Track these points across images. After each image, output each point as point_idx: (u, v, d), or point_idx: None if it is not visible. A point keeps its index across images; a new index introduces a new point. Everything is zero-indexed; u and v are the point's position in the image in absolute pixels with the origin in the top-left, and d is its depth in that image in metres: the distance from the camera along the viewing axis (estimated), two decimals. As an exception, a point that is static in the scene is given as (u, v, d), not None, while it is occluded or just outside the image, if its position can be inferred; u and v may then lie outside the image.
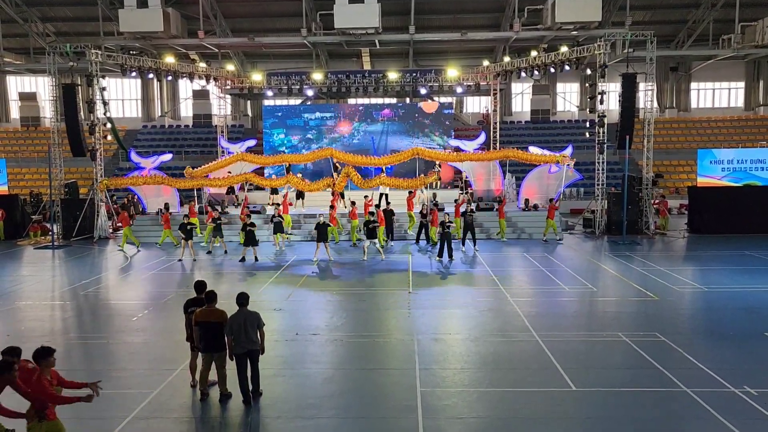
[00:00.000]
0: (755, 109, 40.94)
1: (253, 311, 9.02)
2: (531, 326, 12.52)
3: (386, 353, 11.20)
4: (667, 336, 11.71)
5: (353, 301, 15.05)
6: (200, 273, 18.88)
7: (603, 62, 25.13)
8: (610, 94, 30.83)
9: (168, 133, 41.58)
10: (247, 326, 8.69)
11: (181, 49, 38.16)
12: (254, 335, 8.77)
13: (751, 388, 9.18)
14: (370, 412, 8.65)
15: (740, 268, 18.39)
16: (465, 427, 8.15)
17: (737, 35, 34.38)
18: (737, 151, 26.28)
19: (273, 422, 8.40)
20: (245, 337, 8.69)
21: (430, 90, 32.93)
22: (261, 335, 8.88)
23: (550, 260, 20.02)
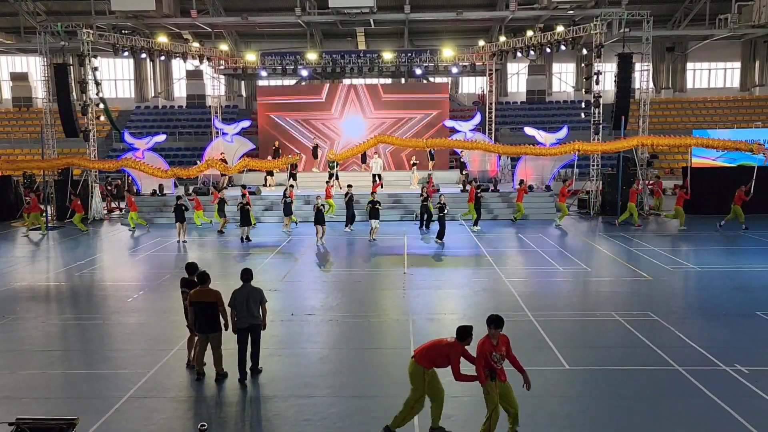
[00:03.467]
0: (751, 90, 40.88)
1: (257, 287, 9.17)
2: (525, 306, 12.60)
3: (381, 333, 11.27)
4: (659, 315, 11.80)
5: (349, 281, 15.10)
6: (196, 253, 18.89)
7: (599, 42, 25.00)
8: (606, 75, 30.78)
9: (161, 113, 41.29)
10: (249, 301, 8.88)
11: (174, 29, 37.72)
12: (256, 310, 8.95)
13: (742, 366, 9.29)
14: (365, 390, 8.72)
15: (734, 247, 18.51)
16: (459, 405, 8.23)
17: (734, 15, 34.20)
18: (732, 132, 26.28)
19: (268, 401, 8.46)
20: (247, 312, 8.87)
21: (426, 70, 32.70)
22: (263, 311, 9.06)
23: (544, 240, 20.08)
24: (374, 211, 20.47)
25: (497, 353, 6.96)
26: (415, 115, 32.26)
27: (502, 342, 7.06)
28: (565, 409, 8.06)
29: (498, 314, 7.09)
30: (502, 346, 7.03)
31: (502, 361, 7.01)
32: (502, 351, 7.01)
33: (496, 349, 6.96)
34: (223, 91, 42.12)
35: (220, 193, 22.97)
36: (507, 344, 7.13)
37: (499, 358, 6.98)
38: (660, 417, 7.88)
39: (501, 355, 7.00)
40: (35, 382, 9.09)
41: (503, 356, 7.04)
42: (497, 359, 6.98)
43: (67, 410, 7.97)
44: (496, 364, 6.97)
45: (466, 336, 7.16)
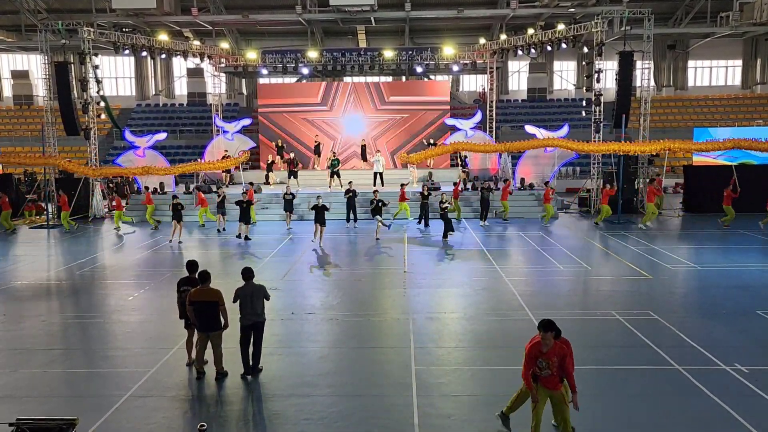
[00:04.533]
0: (752, 88, 40.81)
1: (260, 284, 9.25)
2: (525, 305, 12.60)
3: (381, 332, 11.27)
4: (659, 314, 11.80)
5: (349, 280, 15.11)
6: (195, 252, 18.90)
7: (600, 40, 24.96)
8: (607, 73, 30.76)
9: (162, 111, 41.28)
10: (253, 299, 8.96)
11: (175, 27, 37.71)
12: (260, 308, 9.02)
13: (741, 365, 9.29)
14: (365, 390, 8.73)
15: (734, 246, 18.49)
16: (458, 404, 8.24)
17: (735, 12, 34.15)
18: (733, 130, 26.28)
19: (268, 400, 8.47)
20: (251, 310, 8.94)
21: (426, 68, 32.67)
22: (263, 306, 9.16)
23: (545, 239, 20.08)
24: (378, 209, 20.60)
25: (544, 360, 6.67)
26: (416, 113, 32.23)
27: (555, 351, 6.69)
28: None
29: (549, 318, 6.78)
30: (553, 356, 6.67)
31: (548, 371, 6.69)
32: (552, 360, 6.67)
33: (543, 356, 6.68)
34: (224, 89, 42.11)
35: (220, 191, 22.94)
36: (562, 356, 6.72)
37: (545, 366, 6.68)
38: (659, 416, 7.88)
39: (548, 363, 6.66)
40: (36, 382, 9.11)
41: (551, 366, 6.68)
42: (542, 366, 6.70)
43: (67, 409, 8.00)
44: (541, 372, 6.72)
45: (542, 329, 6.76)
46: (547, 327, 6.70)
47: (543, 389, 6.83)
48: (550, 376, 6.76)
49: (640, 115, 26.02)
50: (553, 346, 6.73)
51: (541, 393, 6.85)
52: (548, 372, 6.74)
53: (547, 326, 6.70)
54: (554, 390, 6.81)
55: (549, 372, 6.74)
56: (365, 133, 32.01)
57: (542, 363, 6.73)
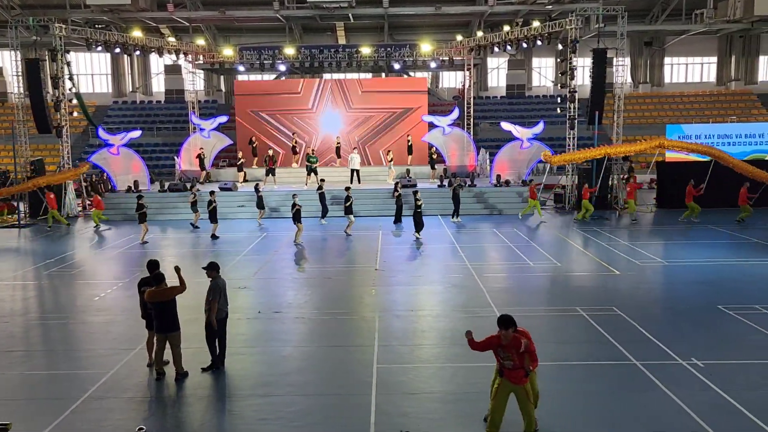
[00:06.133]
0: (727, 84, 41.28)
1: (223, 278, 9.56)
2: (492, 302, 12.68)
3: (347, 330, 11.28)
4: (623, 310, 11.94)
5: (319, 278, 15.10)
6: (168, 251, 18.79)
7: (574, 37, 25.11)
8: (584, 70, 30.98)
9: (139, 108, 40.84)
10: (225, 291, 9.35)
11: (151, 23, 37.31)
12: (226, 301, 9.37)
13: (698, 360, 9.43)
14: (325, 389, 8.74)
15: (702, 242, 18.73)
16: (417, 402, 8.29)
17: (709, 10, 34.51)
18: (705, 127, 26.57)
19: (226, 400, 8.47)
20: (224, 303, 9.30)
21: (404, 65, 32.66)
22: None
23: (519, 236, 20.19)
24: (350, 207, 20.65)
25: (504, 351, 6.79)
26: (394, 109, 32.21)
27: (513, 343, 6.75)
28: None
29: (508, 315, 6.87)
30: (512, 348, 6.74)
31: (510, 362, 6.79)
32: (512, 351, 6.75)
33: (503, 347, 6.78)
34: (202, 86, 41.87)
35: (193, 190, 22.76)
36: (518, 349, 6.76)
37: (506, 357, 6.79)
38: (614, 412, 7.99)
39: (509, 355, 6.77)
40: (-7, 384, 9.02)
41: (512, 357, 6.77)
42: (505, 357, 6.82)
43: (23, 412, 7.95)
44: (504, 363, 6.85)
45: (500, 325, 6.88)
46: (505, 323, 6.80)
47: (507, 383, 6.93)
48: (515, 369, 6.85)
49: (613, 111, 26.21)
50: (512, 338, 6.83)
51: (504, 387, 6.95)
52: (511, 363, 6.83)
53: (506, 323, 6.80)
54: (518, 384, 6.89)
55: (512, 363, 6.83)
56: (342, 130, 31.94)
57: (503, 354, 6.84)
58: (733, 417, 7.66)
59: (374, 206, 25.02)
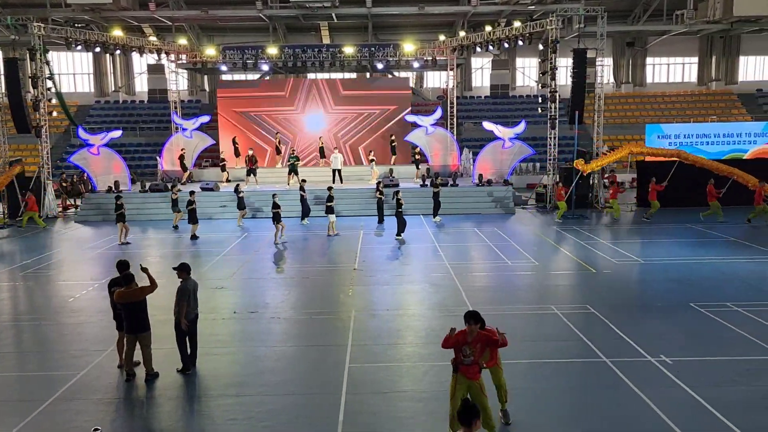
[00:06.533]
0: (708, 84, 41.71)
1: (194, 280, 9.52)
2: (468, 301, 12.73)
3: (322, 330, 11.27)
4: (596, 308, 12.04)
5: (298, 278, 15.10)
6: (146, 252, 18.68)
7: (554, 37, 25.24)
8: (566, 70, 31.17)
9: (122, 108, 40.56)
10: (196, 292, 9.36)
11: (133, 22, 37.10)
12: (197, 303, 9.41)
13: (667, 357, 9.53)
14: (296, 389, 8.75)
15: (679, 240, 18.91)
16: (386, 401, 8.32)
17: (690, 11, 34.85)
18: (683, 126, 26.86)
19: (196, 401, 8.46)
20: (195, 303, 9.31)
21: (388, 65, 32.68)
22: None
23: (499, 235, 20.27)
24: (331, 207, 20.62)
25: (468, 347, 6.87)
26: (377, 109, 32.24)
27: (479, 338, 6.88)
28: (497, 402, 8.12)
29: (475, 310, 6.99)
30: (477, 342, 6.87)
31: (471, 357, 6.87)
32: (476, 346, 6.86)
33: (468, 343, 6.86)
34: (185, 86, 41.66)
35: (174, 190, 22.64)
36: (487, 339, 6.93)
37: (469, 353, 6.87)
38: (582, 409, 8.07)
39: (472, 350, 6.86)
40: (-40, 386, 8.94)
41: (474, 352, 6.87)
42: (467, 354, 6.89)
43: (-13, 414, 7.88)
44: (464, 359, 6.91)
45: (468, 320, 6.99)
46: (474, 318, 6.89)
47: (463, 378, 6.99)
48: (472, 365, 6.93)
49: (594, 111, 26.39)
50: (477, 334, 6.91)
51: (461, 384, 6.99)
52: (470, 359, 6.91)
53: (474, 318, 6.90)
54: (473, 379, 6.98)
55: (471, 359, 6.91)
56: (326, 130, 31.93)
57: (466, 350, 6.91)
58: (697, 413, 7.76)
59: (357, 206, 25.02)
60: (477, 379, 7.00)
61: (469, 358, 6.92)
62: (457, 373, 7.02)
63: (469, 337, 6.90)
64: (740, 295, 12.75)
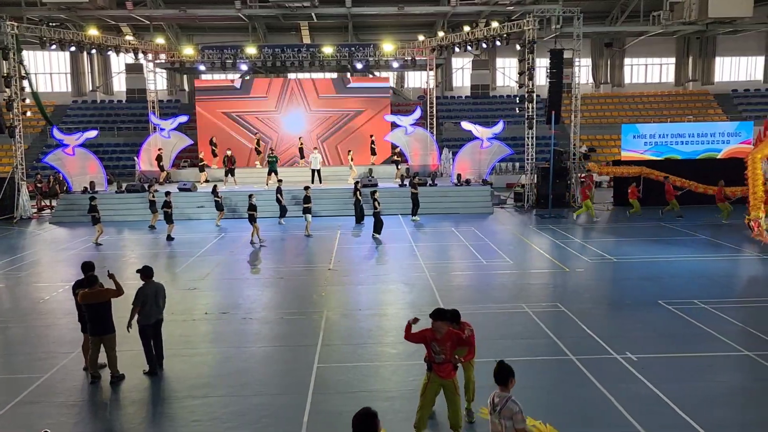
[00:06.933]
0: (685, 85, 42.25)
1: (159, 282, 9.41)
2: (441, 300, 12.76)
3: (293, 331, 11.25)
4: (567, 306, 12.15)
5: (272, 279, 15.06)
6: (121, 252, 18.52)
7: (532, 38, 25.42)
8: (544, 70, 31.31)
9: (100, 108, 40.15)
10: (158, 297, 9.19)
11: (111, 21, 36.74)
12: (163, 306, 9.33)
13: (632, 354, 9.64)
14: (263, 389, 8.73)
15: (653, 239, 19.12)
16: (352, 400, 8.29)
17: (666, 12, 35.22)
18: (659, 126, 27.17)
19: (161, 403, 8.40)
20: (156, 308, 9.18)
21: (367, 64, 32.68)
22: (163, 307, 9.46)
23: (476, 234, 20.35)
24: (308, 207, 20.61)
25: (438, 345, 6.85)
26: (357, 109, 32.26)
27: (449, 336, 6.85)
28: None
29: (440, 308, 7.05)
30: (447, 341, 6.83)
31: (442, 356, 6.86)
32: (446, 345, 6.84)
33: (438, 341, 6.85)
34: (164, 86, 41.36)
35: (152, 190, 22.48)
36: (456, 338, 6.94)
37: (438, 350, 6.86)
38: (547, 406, 8.11)
39: (442, 348, 6.84)
40: None
41: (444, 351, 6.84)
42: (437, 351, 6.88)
43: (-54, 419, 7.76)
44: (436, 357, 6.90)
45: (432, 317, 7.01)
46: (437, 316, 6.90)
47: (436, 377, 6.98)
48: (444, 363, 6.92)
49: (571, 111, 26.62)
50: (446, 332, 6.90)
51: (433, 382, 7.00)
52: (442, 357, 6.90)
53: (437, 315, 6.91)
54: (447, 378, 6.97)
55: (443, 357, 6.90)
56: (305, 130, 31.87)
57: (436, 348, 6.90)
58: (657, 409, 7.85)
59: (335, 206, 25.00)
60: (451, 377, 7.00)
61: (440, 356, 6.93)
62: (430, 372, 7.03)
63: (437, 335, 6.90)
64: (707, 292, 12.93)
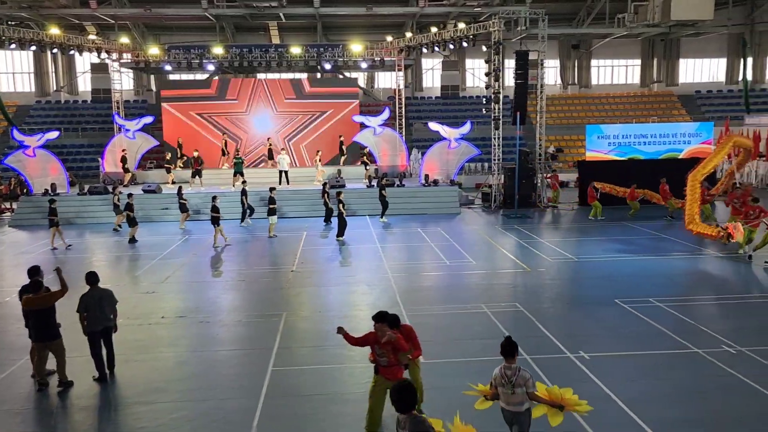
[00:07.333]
0: (650, 86, 42.97)
1: (107, 289, 9.22)
2: (402, 301, 12.80)
3: (250, 334, 11.17)
4: (525, 306, 12.26)
5: (234, 281, 14.91)
6: (83, 255, 18.17)
7: (497, 39, 25.62)
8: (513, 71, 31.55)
9: (64, 108, 39.32)
10: (103, 304, 8.93)
11: (74, 20, 36.03)
12: (110, 313, 9.04)
13: (585, 352, 9.77)
14: (214, 394, 8.63)
15: (614, 238, 19.39)
16: (305, 403, 8.28)
17: (630, 14, 35.79)
18: (622, 127, 27.56)
19: (108, 410, 8.25)
20: (101, 315, 8.92)
21: (336, 65, 32.60)
22: (115, 313, 9.16)
23: (441, 235, 20.42)
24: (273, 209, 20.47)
25: (380, 348, 6.88)
26: (326, 110, 32.13)
27: (390, 341, 6.85)
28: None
29: (383, 311, 7.07)
30: (389, 344, 6.88)
31: (385, 358, 6.89)
32: (387, 348, 6.86)
33: (381, 345, 6.87)
34: (131, 86, 40.72)
35: (116, 191, 22.11)
36: (394, 346, 6.90)
37: (382, 353, 6.90)
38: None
39: (384, 351, 6.88)
40: None
41: (387, 353, 6.88)
42: (380, 354, 6.92)
43: None
44: (380, 359, 6.94)
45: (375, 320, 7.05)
46: (379, 318, 6.93)
47: (383, 379, 6.99)
48: (390, 366, 6.94)
49: (536, 112, 26.89)
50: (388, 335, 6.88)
51: (381, 384, 6.99)
52: (386, 360, 6.92)
53: (379, 318, 6.93)
54: (394, 380, 6.91)
55: (387, 359, 6.92)
56: (274, 131, 31.66)
57: (379, 350, 6.94)
58: (605, 407, 7.95)
59: (303, 207, 24.87)
60: (398, 378, 6.99)
61: (384, 359, 6.95)
62: (377, 374, 7.04)
63: (381, 337, 6.91)
64: (662, 290, 13.17)
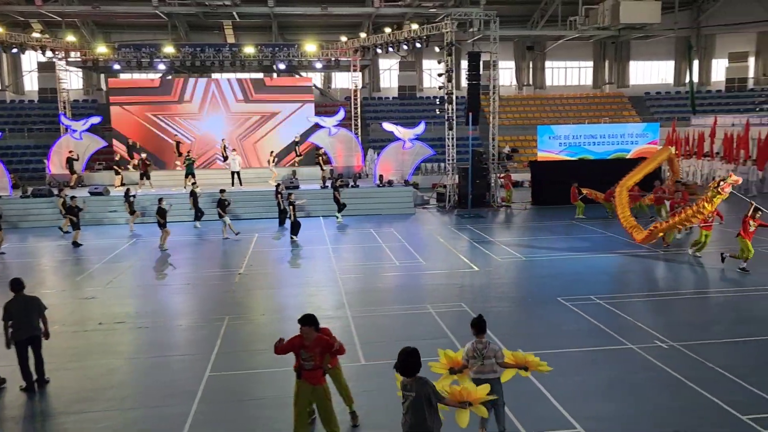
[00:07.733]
0: (602, 87, 43.95)
1: (33, 296, 8.95)
2: (347, 303, 12.74)
3: (190, 339, 10.95)
4: (470, 305, 12.33)
5: (179, 285, 14.62)
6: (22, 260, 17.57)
7: (450, 40, 25.80)
8: (466, 72, 31.86)
9: (9, 108, 38.01)
10: (29, 311, 8.64)
11: (19, 18, 34.89)
12: (37, 321, 8.72)
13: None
14: (146, 401, 8.43)
15: (563, 236, 19.74)
16: (239, 409, 8.15)
17: (581, 17, 36.57)
18: (572, 128, 28.09)
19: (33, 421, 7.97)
20: (27, 323, 8.63)
21: (290, 65, 32.35)
22: (44, 320, 8.84)
23: (394, 235, 20.43)
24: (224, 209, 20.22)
25: (306, 352, 6.80)
26: (280, 110, 31.84)
27: (317, 343, 6.84)
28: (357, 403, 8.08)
29: (309, 314, 6.92)
30: (316, 347, 6.81)
31: (311, 362, 6.81)
32: (314, 351, 6.80)
33: (307, 348, 6.79)
34: (80, 85, 39.68)
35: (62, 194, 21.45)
36: (324, 344, 6.88)
37: (308, 357, 6.82)
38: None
39: (311, 355, 6.80)
40: None
41: (314, 357, 6.81)
42: (306, 358, 6.83)
43: None
44: (305, 364, 6.85)
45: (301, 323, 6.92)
46: (305, 322, 6.83)
47: (305, 384, 6.92)
48: (314, 369, 6.88)
49: (489, 113, 27.17)
50: (315, 338, 6.85)
51: (304, 390, 6.93)
52: (311, 364, 6.86)
53: (305, 321, 6.83)
54: (317, 384, 6.93)
55: (312, 363, 6.86)
56: (227, 131, 31.23)
57: (305, 354, 6.85)
58: (535, 403, 8.08)
59: (257, 209, 24.59)
60: (321, 383, 6.97)
61: (310, 363, 6.88)
62: (300, 380, 6.96)
63: (306, 341, 6.84)
64: (604, 288, 13.45)
